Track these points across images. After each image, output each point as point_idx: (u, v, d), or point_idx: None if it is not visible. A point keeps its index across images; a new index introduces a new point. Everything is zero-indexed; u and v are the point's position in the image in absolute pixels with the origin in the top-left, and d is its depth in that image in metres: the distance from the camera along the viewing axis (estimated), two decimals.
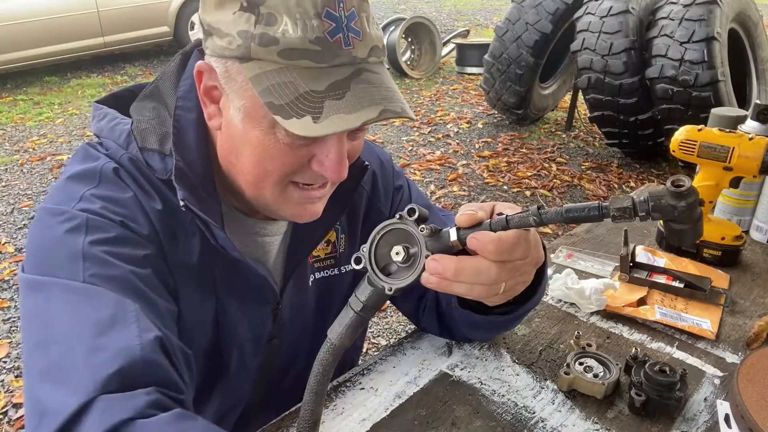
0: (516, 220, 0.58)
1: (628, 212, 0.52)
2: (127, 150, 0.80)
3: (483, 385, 0.96)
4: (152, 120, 0.81)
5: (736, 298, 1.21)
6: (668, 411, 0.89)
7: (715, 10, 3.79)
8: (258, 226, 0.89)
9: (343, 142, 0.73)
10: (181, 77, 0.83)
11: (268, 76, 0.67)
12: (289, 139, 0.70)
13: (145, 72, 7.57)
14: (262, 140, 0.71)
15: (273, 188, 0.76)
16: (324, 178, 0.77)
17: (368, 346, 2.61)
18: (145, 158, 0.79)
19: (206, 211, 0.77)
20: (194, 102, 0.80)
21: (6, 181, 4.35)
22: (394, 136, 5.29)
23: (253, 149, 0.73)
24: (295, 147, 0.72)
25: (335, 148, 0.72)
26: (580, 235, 1.47)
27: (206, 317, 0.85)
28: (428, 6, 13.64)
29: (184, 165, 0.78)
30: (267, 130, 0.71)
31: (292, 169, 0.74)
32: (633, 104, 4.14)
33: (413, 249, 0.61)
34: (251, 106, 0.70)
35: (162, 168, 0.78)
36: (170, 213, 0.79)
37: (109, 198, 0.75)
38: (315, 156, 0.74)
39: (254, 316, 0.89)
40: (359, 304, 0.63)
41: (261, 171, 0.75)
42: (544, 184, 4.27)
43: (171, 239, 0.79)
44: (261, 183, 0.76)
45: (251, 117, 0.71)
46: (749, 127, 1.35)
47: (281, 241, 0.92)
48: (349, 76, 0.68)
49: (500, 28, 5.03)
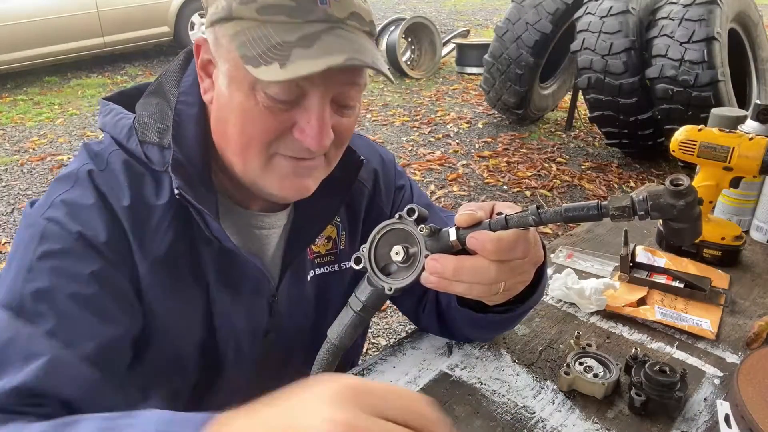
0: (515, 220, 0.58)
1: (627, 211, 0.52)
2: (128, 143, 0.82)
3: (483, 385, 0.95)
4: (154, 114, 0.83)
5: (736, 298, 1.21)
6: (668, 411, 0.89)
7: (715, 10, 3.79)
8: (256, 219, 0.90)
9: (324, 110, 0.73)
10: (183, 74, 0.86)
11: (246, 32, 0.70)
12: (269, 102, 0.72)
13: (145, 72, 7.57)
14: (244, 104, 0.73)
15: (257, 157, 0.77)
16: (308, 151, 0.76)
17: (368, 346, 2.61)
18: (144, 151, 0.81)
19: (201, 202, 0.78)
20: (196, 98, 0.83)
21: (6, 181, 4.35)
22: (394, 136, 5.29)
23: (237, 116, 0.75)
24: (276, 111, 0.73)
25: (316, 115, 0.73)
26: (580, 235, 1.47)
27: (195, 311, 0.85)
28: (428, 6, 13.64)
29: (182, 157, 0.79)
30: (248, 92, 0.72)
31: (273, 134, 0.75)
32: (633, 104, 4.14)
33: (413, 249, 0.61)
34: (233, 68, 0.73)
35: (160, 160, 0.80)
36: (143, 209, 0.79)
37: (73, 204, 0.77)
38: (296, 124, 0.74)
39: (249, 309, 0.90)
40: (359, 304, 0.63)
41: (244, 138, 0.76)
42: (544, 184, 4.27)
43: (144, 237, 0.79)
44: (246, 152, 0.77)
45: (234, 80, 0.73)
46: (749, 127, 1.35)
47: (280, 234, 0.93)
48: (322, 30, 0.70)
49: (500, 28, 5.03)
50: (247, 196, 0.88)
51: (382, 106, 6.23)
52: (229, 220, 0.88)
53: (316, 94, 0.72)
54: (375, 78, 7.29)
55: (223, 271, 0.85)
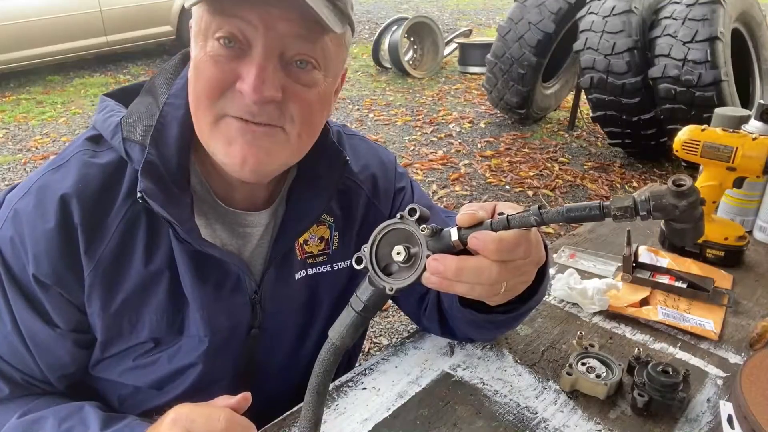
0: (517, 220, 0.58)
1: (629, 212, 0.52)
2: (112, 140, 0.84)
3: (485, 386, 0.95)
4: (142, 113, 0.85)
5: (739, 298, 1.20)
6: (671, 412, 0.89)
7: (718, 9, 3.78)
8: (238, 217, 0.91)
9: (267, 61, 0.73)
10: (177, 76, 0.87)
11: None
12: (214, 51, 0.74)
13: (148, 71, 7.58)
14: (197, 58, 0.76)
15: (206, 114, 0.77)
16: (252, 110, 0.75)
17: (370, 346, 2.61)
18: (126, 148, 0.83)
19: (171, 204, 0.80)
20: (184, 100, 0.84)
21: (9, 179, 4.36)
22: (396, 135, 5.29)
23: (194, 74, 0.77)
24: (221, 61, 0.74)
25: (256, 63, 0.73)
26: (582, 235, 1.47)
27: (168, 313, 0.87)
28: (431, 5, 13.63)
29: (157, 159, 0.81)
30: (201, 46, 0.75)
31: (218, 87, 0.75)
32: (636, 104, 4.13)
33: (414, 249, 0.61)
34: (194, 25, 0.77)
35: (139, 159, 0.81)
36: (97, 221, 0.82)
37: (20, 233, 0.81)
38: (240, 76, 0.74)
39: (230, 305, 0.90)
40: (360, 304, 0.63)
41: (195, 95, 0.78)
42: (546, 184, 4.27)
43: (98, 235, 0.82)
44: (197, 110, 0.78)
45: (194, 37, 0.77)
46: (753, 127, 1.35)
47: (262, 232, 0.93)
48: None
49: (503, 27, 5.02)
50: (229, 190, 0.89)
51: (384, 105, 6.23)
52: (211, 217, 0.89)
53: (259, 43, 0.73)
54: (377, 77, 7.30)
55: (200, 269, 0.86)
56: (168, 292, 0.86)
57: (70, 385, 0.93)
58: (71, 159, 0.84)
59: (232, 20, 0.72)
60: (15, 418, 0.84)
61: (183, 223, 0.81)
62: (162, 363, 0.90)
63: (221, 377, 0.94)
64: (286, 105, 0.77)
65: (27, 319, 0.84)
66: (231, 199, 0.90)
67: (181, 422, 0.73)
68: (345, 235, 1.00)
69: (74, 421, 0.83)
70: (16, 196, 0.83)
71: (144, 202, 0.78)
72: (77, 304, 0.84)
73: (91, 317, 0.85)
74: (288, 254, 0.94)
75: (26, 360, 0.86)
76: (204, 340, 0.89)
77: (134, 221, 0.83)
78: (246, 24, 0.72)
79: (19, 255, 0.81)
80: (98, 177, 0.83)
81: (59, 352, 0.87)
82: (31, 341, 0.85)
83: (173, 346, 0.89)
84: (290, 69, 0.76)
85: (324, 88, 0.80)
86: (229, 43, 0.74)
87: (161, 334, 0.88)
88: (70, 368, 0.90)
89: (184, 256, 0.84)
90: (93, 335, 0.87)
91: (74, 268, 0.82)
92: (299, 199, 0.92)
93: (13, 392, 0.88)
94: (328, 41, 0.77)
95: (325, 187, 0.92)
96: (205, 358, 0.90)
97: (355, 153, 1.02)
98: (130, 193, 0.82)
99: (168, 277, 0.85)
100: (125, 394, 0.94)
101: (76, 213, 0.80)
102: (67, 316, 0.85)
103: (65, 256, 0.81)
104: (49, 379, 0.89)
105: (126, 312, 0.85)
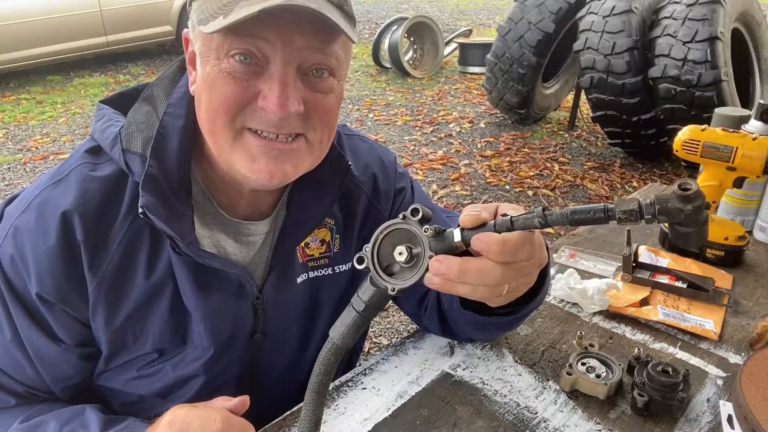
0: (521, 222, 0.58)
1: (634, 215, 0.52)
2: (111, 151, 0.83)
3: (485, 385, 0.95)
4: (142, 123, 0.84)
5: (740, 298, 1.20)
6: (671, 412, 0.89)
7: (718, 9, 3.78)
8: (241, 227, 0.91)
9: (286, 75, 0.73)
10: (176, 85, 0.86)
11: (204, 3, 0.73)
12: (231, 68, 0.73)
13: (148, 71, 7.57)
14: (211, 74, 0.74)
15: (225, 130, 0.77)
16: (275, 124, 0.75)
17: (370, 346, 2.61)
18: (126, 160, 0.81)
19: (172, 219, 0.79)
20: (184, 110, 0.83)
21: (9, 180, 4.35)
22: (396, 135, 5.29)
23: (206, 89, 0.76)
24: (239, 77, 0.74)
25: (277, 79, 0.73)
26: (582, 235, 1.47)
27: (172, 324, 0.87)
28: (431, 5, 13.62)
29: (158, 171, 0.79)
30: (214, 63, 0.74)
31: (237, 103, 0.75)
32: (636, 104, 4.13)
33: (416, 249, 0.61)
34: (201, 44, 0.75)
35: (140, 171, 0.80)
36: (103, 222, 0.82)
37: (22, 251, 0.80)
38: (260, 92, 0.74)
39: (233, 313, 0.90)
40: (362, 304, 0.63)
41: (212, 110, 0.76)
42: (546, 184, 4.27)
43: (102, 247, 0.82)
44: (214, 126, 0.77)
45: (203, 55, 0.75)
46: (753, 127, 1.35)
47: (266, 237, 0.93)
48: None
49: (503, 27, 5.02)
50: (234, 199, 0.88)
51: (384, 105, 6.22)
52: (215, 228, 0.89)
53: (277, 59, 0.73)
54: (377, 77, 7.29)
55: (202, 279, 0.85)
56: (171, 303, 0.86)
57: (74, 394, 0.93)
58: (71, 173, 0.83)
59: (249, 39, 0.72)
60: (17, 423, 0.84)
61: (184, 236, 0.80)
62: (166, 372, 0.90)
63: (225, 383, 0.94)
64: (308, 114, 0.77)
65: (31, 335, 0.83)
66: (235, 207, 0.90)
67: (177, 424, 0.73)
68: (346, 237, 1.00)
69: (75, 424, 0.83)
70: (16, 211, 0.82)
71: (146, 217, 0.78)
72: (81, 320, 0.84)
73: (96, 331, 0.85)
74: (289, 258, 0.94)
75: (29, 373, 0.86)
76: (208, 348, 0.89)
77: (137, 235, 0.83)
78: (263, 42, 0.72)
79: (21, 273, 0.80)
80: (99, 192, 0.81)
81: (64, 366, 0.87)
82: (36, 356, 0.85)
83: (177, 355, 0.89)
84: (307, 79, 0.77)
85: (338, 92, 0.81)
86: (245, 59, 0.73)
87: (165, 345, 0.88)
88: (75, 380, 0.90)
89: (184, 268, 0.84)
90: (98, 348, 0.87)
91: (78, 285, 0.81)
92: (300, 205, 0.92)
93: (19, 402, 0.89)
94: (338, 47, 0.77)
95: (327, 193, 0.92)
96: (209, 366, 0.90)
97: (356, 153, 1.02)
98: (132, 206, 0.81)
99: (170, 288, 0.85)
100: (129, 401, 0.94)
101: (79, 230, 0.79)
102: (71, 331, 0.84)
103: (68, 274, 0.80)
104: (52, 390, 0.89)
105: (130, 325, 0.85)
